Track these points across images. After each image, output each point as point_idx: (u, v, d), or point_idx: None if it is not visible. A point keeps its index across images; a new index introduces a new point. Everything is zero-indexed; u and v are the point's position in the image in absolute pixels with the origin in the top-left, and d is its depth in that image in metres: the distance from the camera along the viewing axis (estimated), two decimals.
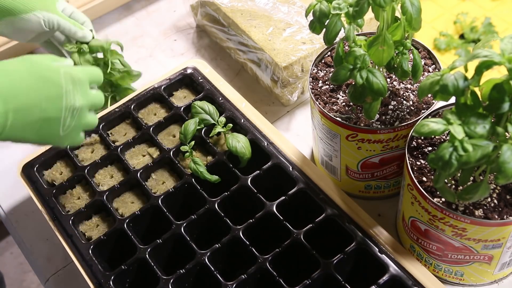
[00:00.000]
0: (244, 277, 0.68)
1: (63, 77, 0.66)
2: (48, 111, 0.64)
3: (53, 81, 0.65)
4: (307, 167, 0.77)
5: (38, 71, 0.65)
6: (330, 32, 0.65)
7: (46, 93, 0.64)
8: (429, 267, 0.73)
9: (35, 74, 0.64)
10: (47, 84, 0.65)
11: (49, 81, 0.65)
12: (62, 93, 0.66)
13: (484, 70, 0.53)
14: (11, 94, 0.61)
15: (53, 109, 0.65)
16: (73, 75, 0.68)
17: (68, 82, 0.67)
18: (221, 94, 0.86)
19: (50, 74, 0.65)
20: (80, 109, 0.68)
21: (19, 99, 0.62)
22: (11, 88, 0.61)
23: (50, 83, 0.65)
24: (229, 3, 0.99)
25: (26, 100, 0.62)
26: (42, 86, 0.64)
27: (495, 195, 0.63)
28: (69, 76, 0.67)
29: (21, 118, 0.62)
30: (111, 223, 0.77)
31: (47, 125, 0.65)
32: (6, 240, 1.96)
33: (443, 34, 1.81)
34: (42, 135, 0.66)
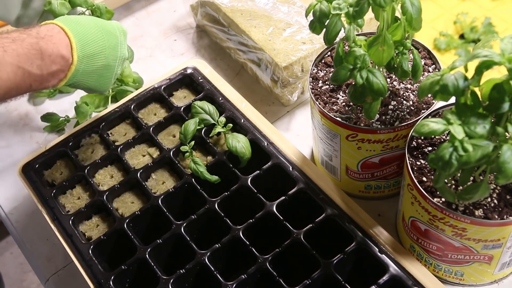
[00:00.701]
0: (244, 277, 0.68)
1: (117, 28, 0.77)
2: (109, 58, 0.75)
3: (112, 33, 0.76)
4: (307, 167, 0.77)
5: (102, 24, 0.75)
6: (330, 32, 0.65)
7: (109, 42, 0.74)
8: (429, 267, 0.73)
9: (100, 26, 0.74)
10: (108, 35, 0.75)
11: (110, 33, 0.75)
12: (118, 43, 0.76)
13: (484, 70, 0.53)
14: (86, 41, 0.72)
15: (112, 57, 0.75)
16: (122, 28, 0.79)
17: (121, 33, 0.77)
18: (221, 94, 0.86)
19: (110, 27, 0.76)
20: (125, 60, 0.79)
21: (92, 45, 0.72)
22: (86, 36, 0.72)
23: (111, 35, 0.75)
24: (229, 3, 0.99)
25: (96, 47, 0.73)
26: (106, 37, 0.74)
27: (495, 195, 0.63)
28: (120, 28, 0.78)
29: (91, 63, 0.72)
30: (111, 223, 0.77)
31: (106, 71, 0.75)
32: (6, 240, 1.96)
33: (443, 34, 1.81)
34: (101, 81, 0.75)
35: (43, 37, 0.68)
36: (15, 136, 1.01)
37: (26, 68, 0.66)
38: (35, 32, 0.69)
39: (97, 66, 0.73)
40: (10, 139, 1.01)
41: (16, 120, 1.04)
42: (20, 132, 1.02)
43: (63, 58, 0.69)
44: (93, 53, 0.73)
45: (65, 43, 0.70)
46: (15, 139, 1.01)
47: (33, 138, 1.00)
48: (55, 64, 0.69)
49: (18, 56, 0.65)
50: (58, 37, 0.70)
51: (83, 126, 0.86)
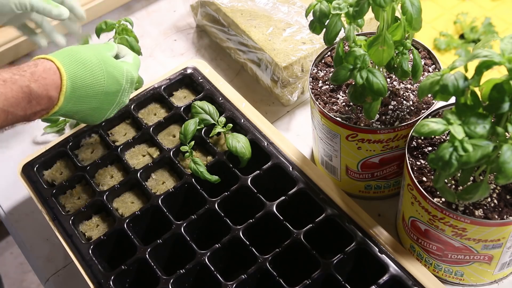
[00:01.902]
0: (244, 277, 0.68)
1: (125, 76, 0.73)
2: (104, 103, 0.72)
3: (116, 79, 0.72)
4: (307, 167, 0.77)
5: (108, 67, 0.71)
6: (330, 32, 0.65)
7: (108, 88, 0.71)
8: (429, 267, 0.73)
9: (105, 69, 0.71)
10: (111, 80, 0.71)
11: (113, 78, 0.71)
12: (120, 91, 0.73)
13: (484, 70, 0.53)
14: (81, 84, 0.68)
15: (107, 102, 0.72)
16: (133, 76, 0.75)
17: (128, 82, 0.74)
18: (221, 94, 0.86)
19: (116, 72, 0.72)
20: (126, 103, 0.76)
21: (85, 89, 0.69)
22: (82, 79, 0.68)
23: (114, 80, 0.72)
24: (229, 3, 0.99)
25: (89, 91, 0.69)
26: (107, 82, 0.71)
27: (495, 195, 0.63)
28: (130, 77, 0.74)
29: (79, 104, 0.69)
30: (111, 223, 0.77)
31: (96, 113, 0.72)
32: (6, 240, 1.96)
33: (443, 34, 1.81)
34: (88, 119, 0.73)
35: (36, 79, 0.65)
36: (15, 136, 1.01)
37: (11, 111, 0.63)
38: (29, 73, 0.65)
39: (86, 108, 0.70)
40: (10, 139, 1.01)
41: None
42: (20, 132, 1.02)
43: (49, 99, 0.66)
44: (85, 96, 0.69)
45: (56, 84, 0.67)
46: (15, 139, 1.01)
47: (33, 138, 1.00)
48: (40, 105, 0.66)
49: (5, 100, 0.62)
50: (51, 79, 0.66)
51: (83, 126, 0.86)
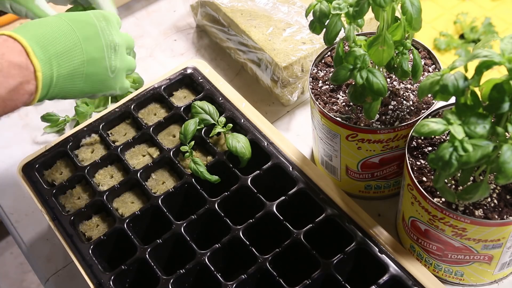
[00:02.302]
0: (244, 277, 0.68)
1: (94, 16, 0.67)
2: (90, 51, 0.64)
3: (86, 21, 0.65)
4: (307, 167, 0.77)
5: (69, 16, 0.65)
6: (330, 32, 0.65)
7: (83, 33, 0.64)
8: (429, 267, 0.73)
9: (66, 19, 0.65)
10: (81, 24, 0.64)
11: (82, 22, 0.65)
12: (98, 31, 0.66)
13: (484, 70, 0.53)
14: (48, 40, 0.61)
15: (94, 48, 0.65)
16: (104, 13, 0.68)
17: (101, 19, 0.67)
18: (221, 94, 0.86)
19: (81, 17, 0.66)
20: (120, 46, 0.68)
21: (58, 43, 0.62)
22: (47, 35, 0.62)
23: (84, 23, 0.65)
24: (229, 3, 0.99)
25: (65, 43, 0.62)
26: (77, 28, 0.64)
27: (495, 195, 0.63)
28: (100, 14, 0.67)
29: (65, 63, 0.62)
30: (111, 223, 0.77)
31: (94, 68, 0.65)
32: (6, 240, 1.96)
33: (443, 34, 1.81)
34: (92, 81, 0.66)
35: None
36: (15, 136, 1.01)
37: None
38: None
39: (75, 64, 0.63)
40: (10, 139, 1.01)
41: (16, 120, 1.04)
42: (20, 132, 1.02)
43: (19, 67, 0.58)
44: (62, 50, 0.62)
45: (16, 50, 0.59)
46: (15, 139, 1.01)
47: (33, 138, 1.00)
48: (11, 78, 0.57)
49: None
50: (5, 46, 0.59)
51: (83, 126, 0.86)
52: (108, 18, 0.68)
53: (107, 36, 0.67)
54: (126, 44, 0.71)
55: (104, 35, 0.66)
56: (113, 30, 0.68)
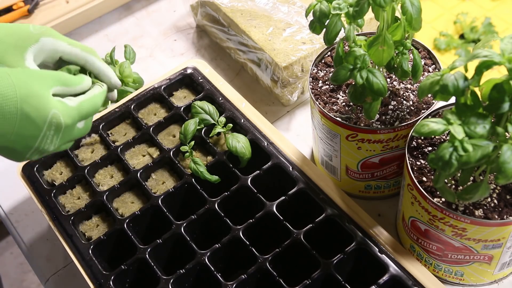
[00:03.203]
0: (244, 277, 0.68)
1: (48, 122, 0.59)
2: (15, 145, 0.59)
3: (36, 124, 0.58)
4: (307, 167, 0.77)
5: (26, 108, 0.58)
6: (330, 32, 0.65)
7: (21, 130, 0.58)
8: (429, 267, 0.73)
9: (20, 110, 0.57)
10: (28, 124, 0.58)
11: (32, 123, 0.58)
12: (38, 137, 0.59)
13: (484, 70, 0.53)
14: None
15: (21, 145, 0.59)
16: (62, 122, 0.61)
17: (51, 128, 0.60)
18: (221, 94, 0.86)
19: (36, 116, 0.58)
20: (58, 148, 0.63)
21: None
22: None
23: (32, 125, 0.58)
24: (229, 3, 0.99)
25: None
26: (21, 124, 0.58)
27: (495, 195, 0.63)
28: (56, 122, 0.60)
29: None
30: (111, 223, 0.77)
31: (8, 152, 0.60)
32: (6, 240, 1.96)
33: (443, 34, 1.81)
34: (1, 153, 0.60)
35: None
36: None
37: None
38: None
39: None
40: None
41: None
42: None
43: None
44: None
45: None
46: None
47: None
48: None
49: None
50: None
51: None
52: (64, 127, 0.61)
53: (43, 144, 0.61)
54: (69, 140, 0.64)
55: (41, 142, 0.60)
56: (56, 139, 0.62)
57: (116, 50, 1.02)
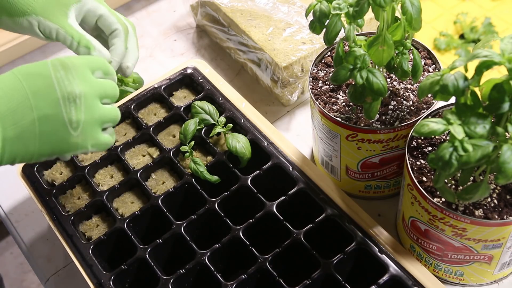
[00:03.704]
0: (244, 277, 0.68)
1: (50, 66, 0.57)
2: (41, 107, 0.55)
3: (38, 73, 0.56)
4: (307, 167, 0.77)
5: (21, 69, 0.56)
6: (330, 32, 0.65)
7: (32, 87, 0.55)
8: (429, 267, 0.73)
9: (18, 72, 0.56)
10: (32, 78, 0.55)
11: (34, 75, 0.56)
12: (52, 82, 0.56)
13: (484, 70, 0.53)
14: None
15: (46, 102, 0.55)
16: (64, 61, 0.58)
17: (58, 68, 0.57)
18: (221, 94, 0.86)
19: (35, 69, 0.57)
20: (84, 97, 0.57)
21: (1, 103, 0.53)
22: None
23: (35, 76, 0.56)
24: (229, 3, 0.99)
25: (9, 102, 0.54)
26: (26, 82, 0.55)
27: (495, 195, 0.63)
28: (58, 62, 0.58)
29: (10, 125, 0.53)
30: (111, 223, 0.77)
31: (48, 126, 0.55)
32: (6, 240, 1.96)
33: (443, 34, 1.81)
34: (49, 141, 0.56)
35: None
36: None
37: None
38: None
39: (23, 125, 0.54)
40: None
41: None
42: None
43: None
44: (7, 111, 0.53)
45: None
46: None
47: None
48: None
49: None
50: None
51: None
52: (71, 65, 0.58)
53: (63, 87, 0.56)
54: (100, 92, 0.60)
55: (60, 86, 0.56)
56: (74, 79, 0.57)
57: None
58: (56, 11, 0.69)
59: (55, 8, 0.69)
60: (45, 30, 0.69)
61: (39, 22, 0.69)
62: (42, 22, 0.69)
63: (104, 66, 0.63)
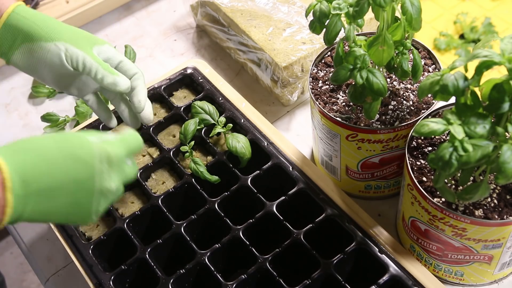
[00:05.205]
0: (244, 277, 0.68)
1: (97, 155, 0.57)
2: (77, 195, 0.56)
3: (84, 160, 0.56)
4: (307, 167, 0.77)
5: (68, 149, 0.56)
6: (330, 32, 0.65)
7: (74, 174, 0.55)
8: (429, 267, 0.73)
9: (64, 152, 0.56)
10: (77, 164, 0.56)
11: (79, 161, 0.56)
12: (94, 175, 0.56)
13: (484, 70, 0.53)
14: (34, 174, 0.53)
15: (82, 192, 0.56)
16: (110, 152, 0.58)
17: (104, 162, 0.58)
18: (221, 94, 0.86)
19: (81, 153, 0.56)
20: (117, 189, 0.60)
21: (43, 179, 0.54)
22: (35, 167, 0.54)
23: (80, 163, 0.56)
24: (229, 3, 0.99)
25: (51, 181, 0.54)
26: (71, 166, 0.55)
27: (495, 195, 0.63)
28: (105, 154, 0.58)
29: (43, 202, 0.54)
30: (111, 223, 0.77)
31: (76, 210, 0.57)
32: (6, 240, 1.96)
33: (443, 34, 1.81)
34: (68, 219, 0.58)
35: None
36: (15, 136, 1.01)
37: None
38: None
39: (55, 206, 0.55)
40: (10, 139, 1.01)
41: (16, 120, 1.04)
42: (20, 132, 1.02)
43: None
44: (45, 188, 0.54)
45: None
46: (15, 139, 1.00)
47: None
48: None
49: None
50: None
51: (83, 126, 0.86)
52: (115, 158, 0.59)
53: (103, 182, 0.58)
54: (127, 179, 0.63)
55: (101, 180, 0.57)
56: (114, 175, 0.59)
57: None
58: (83, 44, 0.72)
59: (82, 41, 0.72)
60: (72, 57, 0.71)
61: (67, 49, 0.71)
62: (70, 49, 0.71)
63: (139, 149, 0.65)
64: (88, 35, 0.74)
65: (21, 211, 0.53)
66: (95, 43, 0.73)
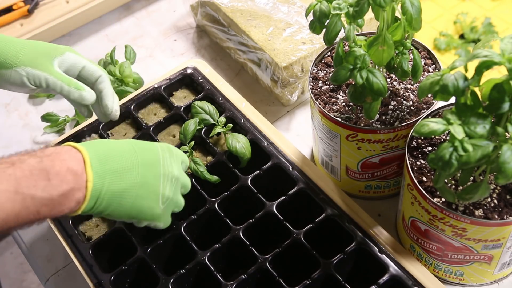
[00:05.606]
0: (244, 277, 0.68)
1: (160, 146, 0.67)
2: (146, 175, 0.63)
3: (149, 148, 0.66)
4: (307, 167, 0.77)
5: (135, 142, 0.66)
6: (330, 32, 0.65)
7: (143, 158, 0.64)
8: (429, 267, 0.73)
9: (132, 143, 0.65)
10: (143, 150, 0.65)
11: (145, 148, 0.65)
12: (159, 159, 0.65)
13: (484, 70, 0.53)
14: (108, 156, 0.61)
15: (151, 174, 0.64)
16: (169, 146, 0.69)
17: (165, 150, 0.67)
18: (221, 94, 0.86)
19: (146, 144, 0.67)
20: (176, 179, 0.67)
21: (116, 160, 0.62)
22: (108, 152, 0.62)
23: (147, 150, 0.65)
24: (229, 3, 0.99)
25: (123, 162, 0.62)
26: (139, 152, 0.64)
27: (495, 195, 0.63)
28: (166, 147, 0.68)
29: (118, 181, 0.61)
30: (111, 223, 0.77)
31: (145, 192, 0.64)
32: (6, 240, 1.96)
33: (443, 34, 1.81)
34: (140, 205, 0.64)
35: (48, 155, 0.57)
36: (15, 136, 1.01)
37: (27, 193, 0.54)
38: (40, 152, 0.58)
39: (127, 184, 0.62)
40: (10, 139, 1.01)
41: (16, 120, 1.04)
42: (20, 132, 1.02)
43: (74, 174, 0.57)
44: (119, 169, 0.61)
45: (76, 158, 0.59)
46: (15, 139, 1.01)
47: (33, 138, 1.00)
48: (65, 183, 0.57)
49: (15, 181, 0.54)
50: (68, 154, 0.59)
51: (83, 126, 0.86)
52: (174, 151, 0.69)
53: (166, 167, 0.66)
54: (183, 182, 0.70)
55: (164, 164, 0.66)
56: (174, 163, 0.67)
57: (116, 50, 1.02)
58: (43, 62, 0.74)
59: (41, 59, 0.74)
60: (34, 79, 0.74)
61: (27, 73, 0.73)
62: (31, 72, 0.73)
63: (187, 162, 0.73)
64: (47, 48, 0.76)
65: (100, 188, 0.59)
66: (55, 54, 0.75)
